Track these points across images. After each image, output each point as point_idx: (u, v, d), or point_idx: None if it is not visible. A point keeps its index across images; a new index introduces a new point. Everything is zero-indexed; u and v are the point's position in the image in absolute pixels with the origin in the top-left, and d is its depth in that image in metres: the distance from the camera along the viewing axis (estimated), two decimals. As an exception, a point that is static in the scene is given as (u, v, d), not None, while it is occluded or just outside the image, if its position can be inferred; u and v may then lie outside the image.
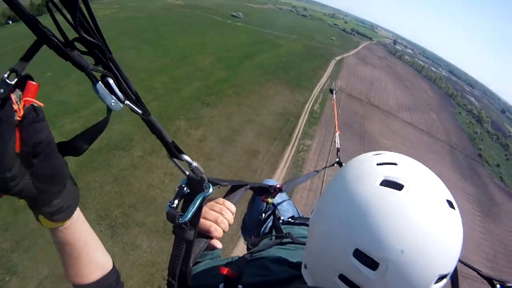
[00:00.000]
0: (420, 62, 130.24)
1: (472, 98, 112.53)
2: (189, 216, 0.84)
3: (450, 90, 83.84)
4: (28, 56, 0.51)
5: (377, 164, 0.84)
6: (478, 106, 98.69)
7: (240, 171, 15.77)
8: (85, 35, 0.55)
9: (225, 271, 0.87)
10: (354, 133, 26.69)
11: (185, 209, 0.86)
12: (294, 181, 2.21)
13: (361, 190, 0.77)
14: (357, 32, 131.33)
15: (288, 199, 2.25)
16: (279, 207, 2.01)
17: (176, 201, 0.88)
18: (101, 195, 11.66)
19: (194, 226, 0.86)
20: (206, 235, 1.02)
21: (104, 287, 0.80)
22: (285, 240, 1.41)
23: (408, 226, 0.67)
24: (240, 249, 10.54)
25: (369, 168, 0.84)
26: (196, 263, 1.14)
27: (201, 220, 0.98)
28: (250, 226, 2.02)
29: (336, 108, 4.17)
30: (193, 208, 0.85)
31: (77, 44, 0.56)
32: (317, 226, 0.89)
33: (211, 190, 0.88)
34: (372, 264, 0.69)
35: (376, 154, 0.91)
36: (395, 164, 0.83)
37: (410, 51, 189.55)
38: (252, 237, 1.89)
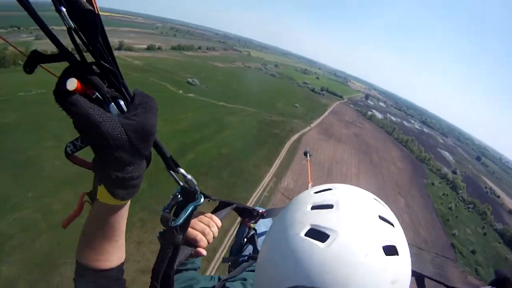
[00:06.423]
0: (392, 118, 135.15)
1: (447, 153, 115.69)
2: (181, 220, 0.92)
3: (422, 154, 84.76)
4: (47, 59, 0.58)
5: (312, 208, 0.84)
6: (453, 161, 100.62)
7: None
8: (102, 62, 0.63)
9: None
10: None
11: (177, 215, 0.94)
12: (276, 210, 2.12)
13: (286, 239, 0.80)
14: (327, 90, 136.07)
15: None
16: (261, 238, 2.12)
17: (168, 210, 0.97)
18: None
19: (183, 231, 0.94)
20: (192, 243, 1.11)
21: (113, 276, 0.83)
22: None
23: (324, 283, 0.68)
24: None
25: (302, 213, 0.84)
26: (178, 271, 1.27)
27: (190, 229, 1.10)
28: (234, 252, 2.19)
29: (309, 165, 4.32)
30: (185, 214, 0.93)
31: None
32: (259, 265, 0.93)
33: (202, 200, 0.97)
34: None
35: (319, 192, 0.91)
36: (331, 207, 0.81)
37: (382, 104, 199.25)
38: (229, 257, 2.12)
